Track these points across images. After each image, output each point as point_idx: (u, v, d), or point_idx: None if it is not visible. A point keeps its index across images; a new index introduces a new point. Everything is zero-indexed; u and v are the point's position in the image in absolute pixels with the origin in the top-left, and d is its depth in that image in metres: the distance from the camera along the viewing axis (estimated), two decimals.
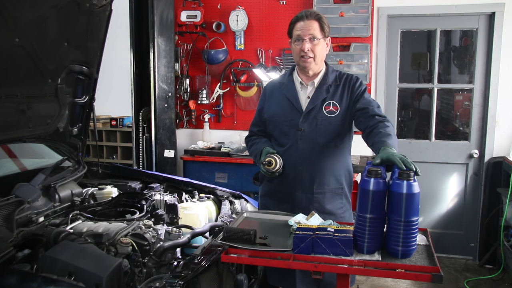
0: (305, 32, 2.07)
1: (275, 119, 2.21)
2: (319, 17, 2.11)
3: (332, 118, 2.11)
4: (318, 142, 2.11)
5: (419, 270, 1.51)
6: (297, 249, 1.59)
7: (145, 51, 4.12)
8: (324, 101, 2.12)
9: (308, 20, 2.08)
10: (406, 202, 1.52)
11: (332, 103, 2.12)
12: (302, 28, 2.08)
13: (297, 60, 2.15)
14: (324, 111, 2.11)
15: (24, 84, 2.09)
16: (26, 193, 2.13)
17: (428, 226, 3.88)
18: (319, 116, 2.11)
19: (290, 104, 2.17)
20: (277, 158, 2.10)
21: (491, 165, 3.83)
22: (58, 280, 1.46)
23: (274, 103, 2.24)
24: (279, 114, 2.19)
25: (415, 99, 4.32)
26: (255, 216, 2.03)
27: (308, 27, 2.07)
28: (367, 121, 2.02)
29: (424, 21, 3.95)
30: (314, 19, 2.09)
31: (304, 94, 2.18)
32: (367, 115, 2.03)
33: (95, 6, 2.21)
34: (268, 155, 2.09)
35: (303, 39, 2.08)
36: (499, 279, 3.60)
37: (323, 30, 2.10)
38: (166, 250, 1.77)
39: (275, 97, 2.24)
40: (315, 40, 2.08)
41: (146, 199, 2.34)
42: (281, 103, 2.20)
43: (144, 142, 4.25)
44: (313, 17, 2.09)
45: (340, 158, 2.16)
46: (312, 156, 2.11)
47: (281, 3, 4.12)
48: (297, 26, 2.11)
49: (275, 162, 2.07)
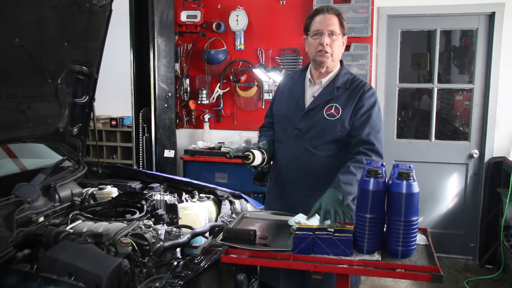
0: (325, 27, 1.99)
1: (278, 114, 2.19)
2: (338, 12, 2.04)
3: (331, 121, 2.02)
4: (311, 143, 2.04)
5: (419, 270, 1.51)
6: (297, 249, 1.59)
7: (145, 51, 4.12)
8: (327, 103, 2.04)
9: (329, 14, 2.01)
10: (406, 202, 1.53)
11: (334, 106, 2.03)
12: (321, 22, 2.00)
13: (313, 55, 2.05)
14: (325, 113, 2.03)
15: (24, 84, 2.09)
16: (26, 193, 2.12)
17: (428, 226, 3.87)
18: (317, 117, 2.04)
19: (295, 100, 2.12)
20: (259, 152, 2.04)
21: (491, 165, 3.83)
22: (58, 280, 1.46)
23: (282, 98, 2.21)
24: (283, 109, 2.16)
25: (415, 99, 4.33)
26: (255, 216, 2.03)
27: (329, 21, 2.00)
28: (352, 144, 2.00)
29: (424, 21, 3.95)
30: (334, 14, 2.02)
31: (311, 92, 2.12)
32: (355, 139, 2.00)
33: (95, 6, 2.21)
34: (248, 150, 2.03)
35: (322, 33, 1.99)
36: (499, 279, 3.59)
37: (342, 26, 2.03)
38: (166, 250, 1.77)
39: (285, 92, 2.21)
40: (334, 36, 2.00)
41: (146, 199, 2.34)
42: (288, 99, 2.17)
43: (144, 142, 4.25)
44: (333, 11, 2.02)
45: (335, 165, 2.00)
46: (304, 158, 2.05)
47: (281, 3, 4.12)
48: (316, 19, 2.02)
49: (253, 157, 2.00)
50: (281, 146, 2.14)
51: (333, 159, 2.04)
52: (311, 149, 2.04)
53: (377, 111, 2.03)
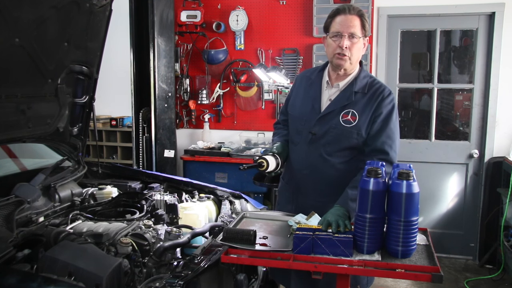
0: (346, 29, 1.88)
1: (293, 114, 2.12)
2: (361, 13, 1.92)
3: (347, 128, 1.93)
4: (325, 150, 1.97)
5: (419, 270, 1.51)
6: (297, 249, 1.59)
7: (145, 51, 4.12)
8: (344, 108, 1.95)
9: (351, 15, 1.89)
10: (406, 202, 1.53)
11: (351, 112, 1.94)
12: (342, 23, 1.90)
13: (330, 57, 1.96)
14: (341, 118, 1.94)
15: (24, 84, 2.09)
16: (26, 193, 2.12)
17: (428, 226, 3.87)
18: (333, 122, 1.96)
19: (311, 103, 2.04)
20: (273, 158, 1.98)
21: (491, 165, 3.83)
22: (58, 280, 1.46)
23: (297, 97, 2.12)
24: (298, 110, 2.08)
25: (415, 99, 4.33)
26: (255, 216, 2.03)
27: (350, 23, 1.89)
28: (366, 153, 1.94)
29: (424, 21, 3.94)
30: (356, 15, 1.90)
31: (327, 95, 2.02)
32: (369, 148, 1.93)
33: (95, 6, 2.20)
34: (261, 157, 1.96)
35: (342, 35, 1.89)
36: (499, 279, 3.60)
37: (364, 28, 1.92)
38: (166, 250, 1.77)
39: (300, 92, 2.12)
40: (355, 39, 1.90)
41: (146, 199, 2.34)
42: (303, 100, 2.08)
43: (144, 142, 4.25)
44: (355, 12, 1.90)
45: (350, 172, 1.94)
46: (318, 164, 1.99)
47: (281, 3, 4.12)
48: (337, 20, 1.91)
49: (267, 164, 1.95)
50: (295, 149, 2.08)
51: (347, 165, 1.98)
52: (325, 155, 1.98)
53: (394, 119, 1.95)
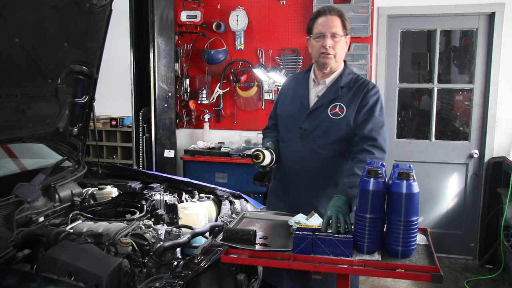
0: (327, 29, 2.00)
1: (283, 115, 2.20)
2: (341, 13, 2.04)
3: (335, 120, 2.03)
4: (316, 143, 2.05)
5: (419, 270, 1.51)
6: (297, 249, 1.59)
7: (145, 51, 4.12)
8: (331, 102, 2.06)
9: (331, 16, 2.02)
10: (406, 202, 1.53)
11: (339, 105, 2.04)
12: (324, 24, 2.01)
13: (316, 56, 2.07)
14: (329, 112, 2.04)
15: (24, 84, 2.09)
16: (26, 193, 2.12)
17: (428, 226, 3.87)
18: (322, 116, 2.05)
19: (299, 101, 2.13)
20: (268, 152, 2.07)
21: (491, 165, 3.83)
22: (58, 280, 1.46)
23: (286, 98, 2.22)
24: (287, 109, 2.17)
25: (415, 99, 4.32)
26: (255, 216, 2.03)
27: (331, 23, 2.01)
28: (355, 142, 2.00)
29: (424, 21, 3.94)
30: (336, 15, 2.02)
31: (315, 92, 2.13)
32: (358, 136, 2.00)
33: (95, 6, 2.21)
34: (257, 149, 2.05)
35: (325, 35, 2.00)
36: (499, 279, 3.59)
37: (345, 27, 2.04)
38: (166, 250, 1.77)
39: (289, 93, 2.22)
40: (337, 38, 2.01)
41: (146, 199, 2.34)
42: (292, 99, 2.18)
43: (144, 142, 4.25)
44: (335, 13, 2.03)
45: (341, 165, 2.05)
46: (309, 157, 2.06)
47: (281, 3, 4.12)
48: (319, 21, 2.03)
49: (263, 156, 2.03)
50: (285, 146, 2.15)
51: (338, 159, 2.05)
52: (316, 149, 2.05)
53: (380, 108, 2.04)
